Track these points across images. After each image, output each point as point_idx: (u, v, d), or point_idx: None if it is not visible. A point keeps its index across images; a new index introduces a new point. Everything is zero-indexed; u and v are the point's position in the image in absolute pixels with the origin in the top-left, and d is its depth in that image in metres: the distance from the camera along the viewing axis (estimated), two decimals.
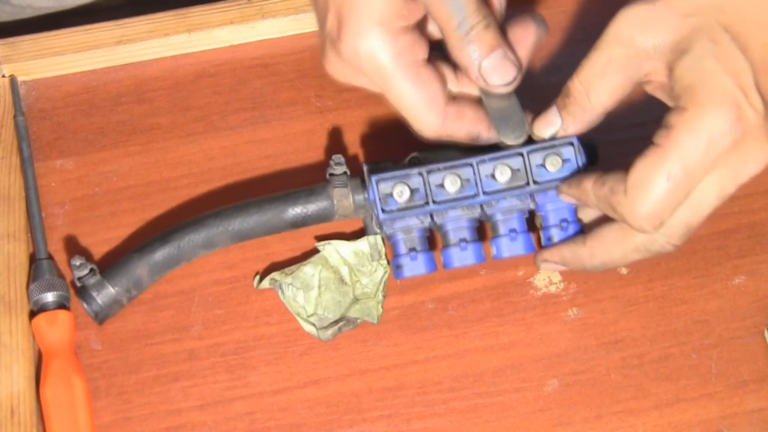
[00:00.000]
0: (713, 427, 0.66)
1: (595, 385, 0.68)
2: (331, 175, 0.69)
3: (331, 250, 0.69)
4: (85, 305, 0.68)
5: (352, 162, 0.73)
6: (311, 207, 0.69)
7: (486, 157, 0.67)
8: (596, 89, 0.65)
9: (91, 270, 0.68)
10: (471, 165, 0.67)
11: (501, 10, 0.68)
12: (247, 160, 0.75)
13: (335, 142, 0.75)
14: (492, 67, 0.66)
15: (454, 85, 0.69)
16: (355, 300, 0.69)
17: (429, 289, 0.71)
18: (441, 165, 0.67)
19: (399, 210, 0.67)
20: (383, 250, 0.69)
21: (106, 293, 0.68)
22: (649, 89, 0.65)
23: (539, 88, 0.68)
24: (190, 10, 0.79)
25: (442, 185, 0.67)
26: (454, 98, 0.68)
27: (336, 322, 0.69)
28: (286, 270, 0.69)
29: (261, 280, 0.70)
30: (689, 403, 0.67)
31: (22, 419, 0.66)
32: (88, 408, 0.66)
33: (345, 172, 0.69)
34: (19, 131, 0.75)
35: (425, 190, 0.67)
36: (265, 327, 0.70)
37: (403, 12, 0.65)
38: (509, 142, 0.67)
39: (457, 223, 0.68)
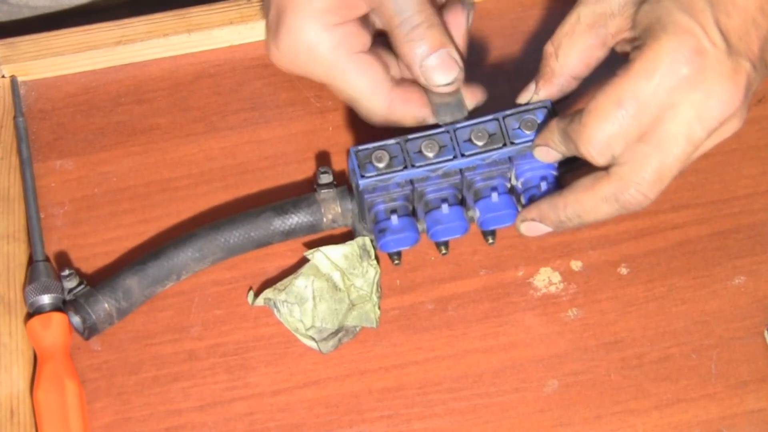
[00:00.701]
0: (713, 428, 0.66)
1: (594, 385, 0.68)
2: (318, 185, 0.70)
3: (321, 257, 0.69)
4: (74, 317, 0.67)
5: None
6: (300, 218, 0.69)
7: (463, 124, 0.68)
8: (565, 50, 0.66)
9: (81, 282, 0.68)
10: (448, 132, 0.68)
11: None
12: (247, 161, 0.75)
13: (334, 142, 0.75)
14: (434, 66, 0.67)
15: (398, 71, 0.71)
16: (352, 305, 0.69)
17: (429, 290, 0.71)
18: (418, 134, 0.68)
19: (378, 174, 0.67)
20: (372, 251, 0.69)
21: (96, 304, 0.67)
22: (619, 49, 0.66)
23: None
24: (190, 11, 0.79)
25: (420, 152, 0.67)
26: (399, 82, 0.69)
27: (335, 332, 0.68)
28: (278, 285, 0.69)
29: (255, 297, 0.69)
30: (689, 404, 0.67)
31: (21, 420, 0.66)
32: (80, 412, 0.66)
33: (332, 182, 0.70)
34: (18, 132, 0.75)
35: (404, 157, 0.67)
36: (265, 327, 0.70)
37: (343, 6, 0.67)
38: (446, 123, 0.69)
39: (437, 187, 0.68)
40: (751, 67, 0.61)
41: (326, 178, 0.70)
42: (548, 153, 0.66)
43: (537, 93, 0.68)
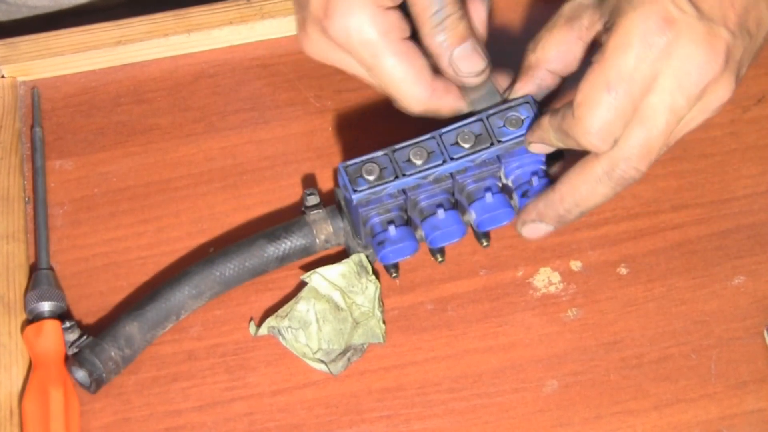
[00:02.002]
0: (713, 428, 0.66)
1: (594, 385, 0.67)
2: (306, 207, 0.69)
3: (318, 278, 0.68)
4: (78, 371, 0.66)
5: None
6: (293, 242, 0.69)
7: (447, 128, 0.68)
8: (543, 43, 0.67)
9: (83, 334, 0.67)
10: (434, 137, 0.68)
11: None
12: (247, 161, 0.75)
13: (334, 142, 0.75)
14: (462, 56, 0.68)
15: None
16: (356, 324, 0.68)
17: (428, 290, 0.71)
18: (405, 143, 0.68)
19: (370, 187, 0.66)
20: (369, 267, 0.69)
21: (102, 354, 0.66)
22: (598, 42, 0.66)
23: None
24: (190, 11, 0.79)
25: (409, 160, 0.67)
26: (437, 74, 0.69)
27: (344, 352, 0.68)
28: (280, 312, 0.68)
29: (258, 327, 0.69)
30: (689, 404, 0.67)
31: (21, 420, 0.66)
32: (64, 423, 0.65)
33: (319, 203, 0.69)
34: (34, 143, 0.75)
35: (393, 167, 0.67)
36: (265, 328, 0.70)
37: None
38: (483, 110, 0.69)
39: (430, 194, 0.68)
40: (729, 34, 0.61)
41: (313, 200, 0.70)
42: (543, 148, 0.67)
43: (516, 88, 0.69)
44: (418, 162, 0.67)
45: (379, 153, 0.67)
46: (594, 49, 0.66)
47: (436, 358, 0.68)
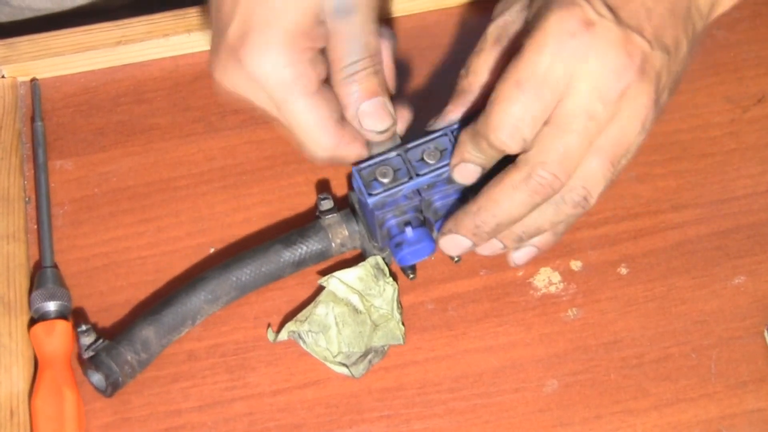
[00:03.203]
0: (713, 428, 0.66)
1: (594, 385, 0.68)
2: (321, 211, 0.69)
3: (336, 282, 0.68)
4: (94, 375, 0.66)
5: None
6: (309, 246, 0.69)
7: (458, 125, 0.67)
8: (474, 68, 0.66)
9: (99, 337, 0.66)
10: (446, 134, 0.67)
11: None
12: (247, 161, 0.75)
13: None
14: (369, 112, 0.67)
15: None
16: (375, 326, 0.68)
17: (428, 290, 0.71)
18: (417, 141, 0.67)
19: (385, 190, 0.66)
20: (386, 269, 0.69)
21: (119, 357, 0.65)
22: None
23: None
24: (189, 11, 0.79)
25: (422, 159, 0.67)
26: (345, 121, 0.68)
27: (364, 355, 0.68)
28: (299, 317, 0.69)
29: (277, 333, 0.69)
30: (689, 404, 0.67)
31: (21, 420, 0.66)
32: (77, 422, 0.65)
33: (334, 207, 0.70)
34: (36, 137, 0.75)
35: (407, 168, 0.67)
36: (265, 328, 0.70)
37: (312, 33, 0.66)
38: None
39: (445, 193, 0.68)
40: (645, 43, 0.61)
41: (327, 204, 0.70)
42: (467, 169, 0.66)
43: (447, 110, 0.68)
44: (431, 161, 0.67)
45: (392, 154, 0.67)
46: None
47: (436, 358, 0.69)
